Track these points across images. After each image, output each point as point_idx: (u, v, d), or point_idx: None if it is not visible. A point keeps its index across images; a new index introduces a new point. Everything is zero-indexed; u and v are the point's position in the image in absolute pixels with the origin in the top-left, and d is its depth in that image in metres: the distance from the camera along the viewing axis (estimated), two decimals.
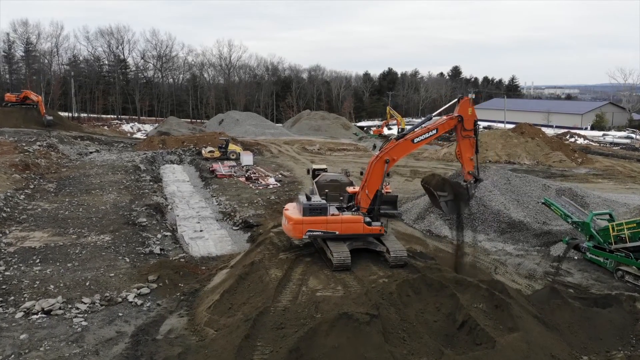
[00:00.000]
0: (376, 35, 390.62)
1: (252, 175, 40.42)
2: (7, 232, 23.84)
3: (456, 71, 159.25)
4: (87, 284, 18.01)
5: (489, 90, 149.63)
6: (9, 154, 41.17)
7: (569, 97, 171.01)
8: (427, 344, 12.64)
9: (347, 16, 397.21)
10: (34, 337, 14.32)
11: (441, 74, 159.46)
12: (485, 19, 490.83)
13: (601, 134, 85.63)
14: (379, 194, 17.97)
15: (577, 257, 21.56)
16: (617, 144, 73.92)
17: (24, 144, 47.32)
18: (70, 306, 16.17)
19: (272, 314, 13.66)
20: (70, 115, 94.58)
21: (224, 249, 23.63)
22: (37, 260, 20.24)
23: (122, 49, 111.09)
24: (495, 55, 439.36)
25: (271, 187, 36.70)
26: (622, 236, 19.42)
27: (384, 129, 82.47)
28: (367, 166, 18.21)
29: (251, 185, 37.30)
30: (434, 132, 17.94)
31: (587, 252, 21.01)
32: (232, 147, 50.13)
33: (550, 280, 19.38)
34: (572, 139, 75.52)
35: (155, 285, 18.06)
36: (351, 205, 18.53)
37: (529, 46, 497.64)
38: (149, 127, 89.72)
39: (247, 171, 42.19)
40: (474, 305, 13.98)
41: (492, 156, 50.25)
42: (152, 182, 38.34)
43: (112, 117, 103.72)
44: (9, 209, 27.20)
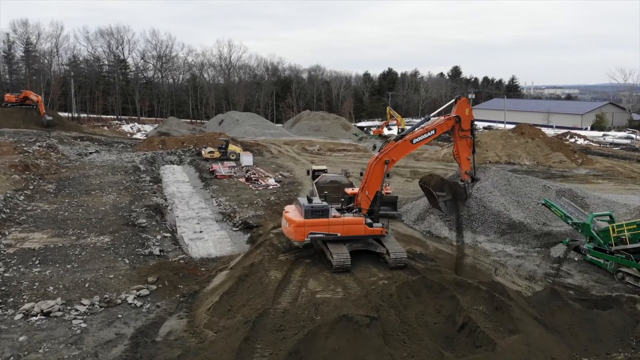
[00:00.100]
0: (376, 35, 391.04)
1: (252, 175, 40.38)
2: (7, 233, 23.79)
3: (456, 71, 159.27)
4: (87, 286, 17.98)
5: (489, 90, 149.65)
6: (9, 154, 41.14)
7: (569, 97, 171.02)
8: (427, 346, 12.61)
9: (347, 16, 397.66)
10: (33, 339, 14.29)
11: (441, 74, 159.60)
12: (485, 19, 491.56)
13: (601, 134, 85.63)
14: (379, 195, 17.99)
15: (577, 259, 21.52)
16: (617, 145, 73.86)
17: (24, 145, 47.24)
18: (69, 308, 16.15)
19: (272, 316, 13.63)
20: (70, 115, 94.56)
21: (224, 250, 23.59)
22: (37, 261, 20.21)
23: (122, 49, 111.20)
24: (495, 55, 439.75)
25: (271, 187, 36.67)
26: (623, 237, 19.39)
27: (384, 130, 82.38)
28: (367, 167, 18.20)
29: (251, 186, 37.27)
30: (433, 132, 18.06)
31: (588, 254, 20.97)
32: (232, 147, 50.08)
33: (550, 281, 19.35)
34: (572, 140, 75.48)
35: (154, 286, 18.04)
36: (351, 206, 18.51)
37: (529, 46, 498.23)
38: (148, 128, 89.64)
39: (247, 172, 42.16)
40: (474, 307, 13.95)
41: (492, 157, 50.20)
42: (151, 182, 38.28)
43: (112, 117, 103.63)
44: (8, 210, 27.16)
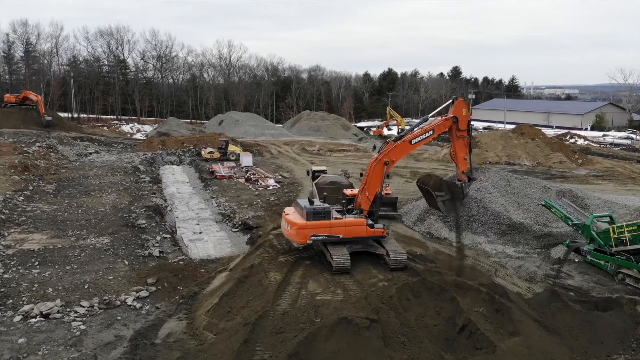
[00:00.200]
0: (376, 35, 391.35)
1: (251, 176, 40.35)
2: (6, 234, 23.76)
3: (456, 71, 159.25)
4: (86, 287, 17.94)
5: (489, 90, 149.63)
6: (8, 155, 41.12)
7: (568, 97, 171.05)
8: (427, 348, 12.57)
9: (347, 16, 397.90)
10: (33, 341, 14.26)
11: (441, 74, 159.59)
12: (485, 19, 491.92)
13: (601, 134, 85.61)
14: (378, 195, 17.99)
15: (577, 260, 21.48)
16: (617, 145, 73.84)
17: (24, 145, 47.21)
18: (68, 309, 16.12)
19: (272, 318, 13.59)
20: (69, 115, 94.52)
21: (224, 251, 23.54)
22: (36, 262, 20.17)
23: (122, 49, 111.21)
24: (495, 55, 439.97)
25: (271, 188, 36.63)
26: (623, 239, 19.34)
27: (383, 130, 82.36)
28: (367, 168, 18.19)
29: (251, 186, 37.22)
30: (431, 132, 18.24)
31: (588, 255, 20.93)
32: (231, 148, 50.06)
33: (550, 283, 19.30)
34: (572, 140, 75.47)
35: (154, 288, 18.00)
36: (350, 207, 18.47)
37: (529, 46, 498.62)
38: (148, 128, 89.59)
39: (246, 172, 42.12)
40: (474, 309, 13.91)
41: (492, 157, 50.07)
42: (151, 183, 38.23)
43: (112, 117, 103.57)
44: (7, 211, 27.12)
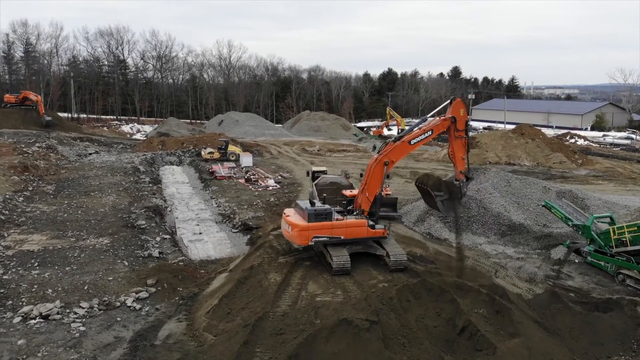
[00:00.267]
0: (376, 35, 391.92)
1: (251, 176, 40.32)
2: (6, 235, 23.72)
3: (456, 71, 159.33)
4: (86, 288, 17.90)
5: (489, 90, 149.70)
6: (8, 155, 41.08)
7: (568, 98, 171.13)
8: (427, 350, 12.55)
9: (347, 16, 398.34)
10: (32, 342, 14.22)
11: (441, 74, 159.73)
12: (485, 19, 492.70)
13: (601, 134, 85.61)
14: (378, 196, 18.00)
15: (577, 261, 21.45)
16: (617, 145, 73.83)
17: (23, 146, 47.16)
18: (68, 311, 16.06)
19: (271, 320, 13.56)
20: (69, 116, 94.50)
21: (223, 252, 23.50)
22: (36, 263, 20.13)
23: (122, 49, 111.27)
24: (495, 55, 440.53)
25: (271, 188, 36.60)
26: (623, 239, 19.31)
27: (383, 130, 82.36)
28: (367, 169, 18.20)
29: (251, 186, 37.19)
30: (430, 133, 18.38)
31: (588, 256, 20.90)
32: (231, 148, 50.02)
33: (551, 284, 19.27)
34: (572, 140, 75.45)
35: (153, 289, 17.95)
36: (350, 208, 18.46)
37: (529, 46, 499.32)
38: (148, 128, 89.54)
39: (246, 172, 42.10)
40: (474, 310, 13.89)
41: (492, 157, 50.02)
42: (151, 183, 38.20)
43: (112, 118, 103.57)
44: (7, 212, 27.09)
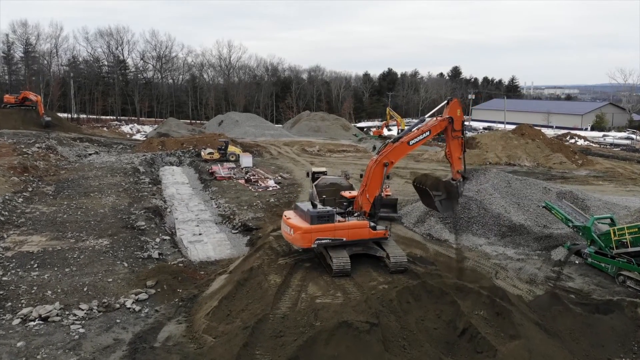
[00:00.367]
0: (376, 35, 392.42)
1: (251, 177, 40.27)
2: (5, 236, 23.68)
3: (456, 71, 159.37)
4: (85, 290, 17.87)
5: (489, 90, 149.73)
6: (8, 156, 41.04)
7: (568, 98, 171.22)
8: (427, 352, 12.52)
9: (347, 16, 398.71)
10: (31, 344, 14.17)
11: (441, 74, 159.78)
12: (485, 19, 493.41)
13: (601, 134, 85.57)
14: (378, 197, 18.01)
15: (578, 262, 21.40)
16: (618, 145, 73.77)
17: (23, 146, 47.11)
18: (67, 313, 16.02)
19: (271, 322, 13.53)
20: (69, 116, 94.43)
21: (223, 253, 23.46)
22: (35, 265, 20.09)
23: (122, 49, 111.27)
24: (495, 55, 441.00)
25: (270, 189, 36.56)
26: (624, 241, 19.27)
27: (383, 130, 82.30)
28: (366, 170, 18.19)
29: (250, 187, 37.15)
30: (428, 133, 18.58)
31: (589, 258, 20.85)
32: (231, 148, 49.99)
33: (551, 285, 19.22)
34: (572, 140, 75.41)
35: (153, 290, 17.91)
36: (350, 210, 18.42)
37: (529, 46, 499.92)
38: (148, 128, 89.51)
39: (246, 173, 42.06)
40: (474, 312, 13.87)
41: (492, 158, 49.98)
42: (151, 184, 38.16)
43: (112, 118, 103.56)
44: (7, 213, 27.05)
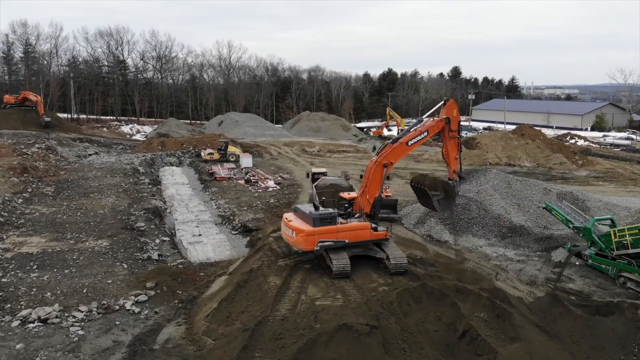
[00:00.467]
0: (376, 35, 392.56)
1: (251, 177, 40.23)
2: (5, 237, 23.64)
3: (456, 72, 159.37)
4: (85, 291, 17.83)
5: (489, 90, 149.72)
6: (7, 156, 40.99)
7: (568, 98, 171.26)
8: (427, 354, 12.49)
9: (347, 16, 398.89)
10: (30, 346, 14.13)
11: (441, 74, 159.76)
12: (485, 19, 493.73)
13: (601, 135, 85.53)
14: (378, 198, 18.01)
15: (578, 263, 21.38)
16: (618, 146, 73.75)
17: (23, 147, 47.08)
18: (67, 314, 15.98)
19: (271, 324, 13.50)
20: (69, 116, 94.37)
21: (223, 254, 23.41)
22: (35, 266, 20.05)
23: (122, 49, 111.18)
24: (495, 55, 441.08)
25: (270, 190, 36.52)
26: (624, 242, 19.23)
27: (383, 130, 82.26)
28: (366, 171, 18.19)
29: (250, 188, 37.10)
30: (426, 134, 19.14)
31: (589, 260, 20.81)
32: (231, 149, 49.94)
33: (551, 286, 19.18)
34: (572, 141, 75.36)
35: (153, 292, 17.87)
36: (350, 211, 18.39)
37: (529, 46, 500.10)
38: (148, 129, 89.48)
39: (246, 174, 42.03)
40: (475, 314, 13.84)
41: (492, 158, 49.92)
42: (150, 185, 38.10)
43: (112, 118, 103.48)
44: (6, 214, 27.01)
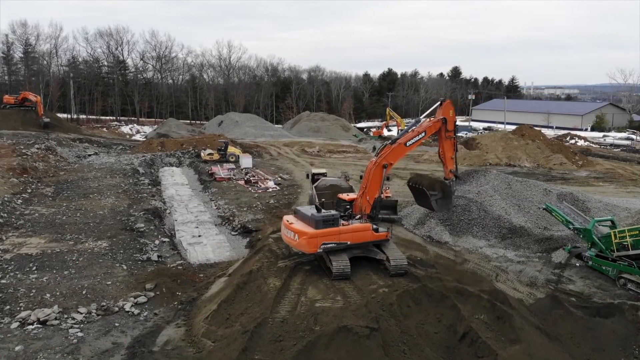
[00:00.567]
0: (377, 35, 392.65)
1: (251, 178, 40.20)
2: (4, 238, 23.60)
3: (456, 72, 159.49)
4: (84, 293, 17.79)
5: (489, 90, 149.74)
6: (7, 157, 40.93)
7: (568, 98, 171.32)
8: (428, 357, 12.46)
9: (348, 16, 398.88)
10: (29, 348, 14.10)
11: (441, 74, 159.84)
12: (485, 19, 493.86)
13: (601, 135, 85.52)
14: (378, 199, 18.00)
15: (578, 264, 21.34)
16: (618, 146, 73.74)
17: (22, 147, 46.99)
18: (66, 316, 15.94)
19: (271, 326, 13.47)
20: (69, 117, 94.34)
21: (223, 255, 23.38)
22: (34, 267, 20.01)
23: (122, 50, 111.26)
24: (495, 55, 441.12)
25: (270, 190, 36.47)
26: (625, 243, 19.19)
27: (383, 131, 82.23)
28: (366, 172, 18.17)
29: (250, 188, 37.06)
30: (423, 134, 19.14)
31: (590, 261, 20.77)
32: (231, 149, 49.87)
33: (552, 288, 19.14)
34: (572, 141, 75.32)
35: (152, 293, 17.84)
36: (349, 213, 18.36)
37: (529, 46, 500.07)
38: (148, 129, 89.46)
39: (246, 174, 41.98)
40: (475, 316, 13.80)
41: (493, 159, 49.87)
42: (150, 185, 38.05)
43: (111, 118, 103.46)
44: (5, 214, 26.97)
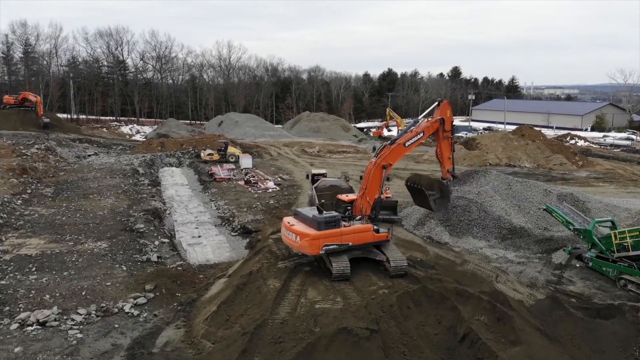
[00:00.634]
0: (377, 35, 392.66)
1: (251, 178, 40.16)
2: (4, 238, 23.57)
3: (456, 72, 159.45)
4: (83, 294, 17.77)
5: (489, 91, 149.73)
6: (7, 157, 40.90)
7: (568, 98, 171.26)
8: (427, 358, 12.44)
9: (348, 16, 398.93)
10: (29, 350, 14.09)
11: (441, 74, 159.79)
12: (485, 19, 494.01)
13: (601, 135, 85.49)
14: (378, 199, 17.98)
15: (578, 265, 21.32)
16: (618, 146, 73.71)
17: (22, 147, 46.95)
18: (65, 317, 15.93)
19: (270, 327, 13.45)
20: (69, 117, 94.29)
21: (222, 256, 23.37)
22: (33, 268, 19.98)
23: (121, 50, 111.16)
24: (495, 55, 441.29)
25: (270, 190, 36.44)
26: (625, 244, 19.17)
27: (383, 131, 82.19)
28: (365, 173, 18.15)
29: (250, 189, 37.03)
30: (421, 134, 18.95)
31: (590, 262, 20.75)
32: (231, 149, 49.82)
33: (552, 289, 19.11)
34: (572, 141, 75.29)
35: (152, 294, 17.82)
36: (349, 214, 18.32)
37: (529, 46, 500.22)
38: (148, 129, 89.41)
39: (246, 174, 41.95)
40: (475, 317, 13.79)
41: (493, 159, 49.86)
42: (150, 186, 38.00)
43: (111, 119, 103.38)
44: (5, 215, 26.93)
